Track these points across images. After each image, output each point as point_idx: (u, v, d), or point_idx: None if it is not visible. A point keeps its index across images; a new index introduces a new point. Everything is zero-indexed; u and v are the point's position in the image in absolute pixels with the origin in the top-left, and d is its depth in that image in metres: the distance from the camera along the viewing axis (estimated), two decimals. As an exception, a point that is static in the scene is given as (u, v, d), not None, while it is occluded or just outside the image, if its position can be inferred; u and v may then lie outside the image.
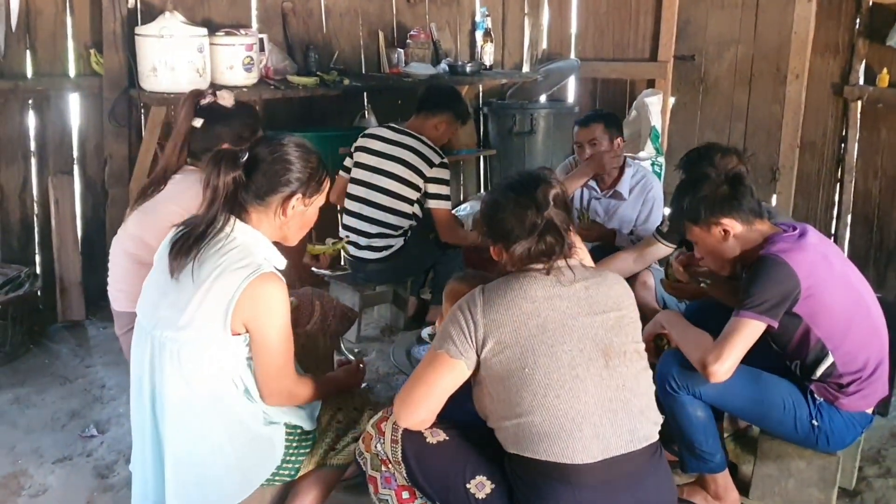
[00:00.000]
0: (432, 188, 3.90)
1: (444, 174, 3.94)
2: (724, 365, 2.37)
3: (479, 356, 2.01)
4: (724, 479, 2.69)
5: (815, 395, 2.53)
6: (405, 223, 3.93)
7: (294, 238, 2.33)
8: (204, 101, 2.83)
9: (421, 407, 2.08)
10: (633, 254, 3.46)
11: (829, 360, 2.48)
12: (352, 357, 2.65)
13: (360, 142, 4.03)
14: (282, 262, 2.26)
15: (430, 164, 3.89)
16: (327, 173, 2.32)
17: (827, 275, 2.46)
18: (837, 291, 2.48)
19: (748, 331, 2.39)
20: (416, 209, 3.95)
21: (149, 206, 2.76)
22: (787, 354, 2.57)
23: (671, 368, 2.51)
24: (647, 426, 2.04)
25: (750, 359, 2.45)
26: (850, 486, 2.88)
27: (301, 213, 2.27)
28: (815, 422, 2.53)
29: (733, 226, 2.52)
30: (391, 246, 3.92)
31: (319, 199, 2.31)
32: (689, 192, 2.58)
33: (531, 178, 2.12)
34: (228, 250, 2.15)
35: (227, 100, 2.87)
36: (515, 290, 2.02)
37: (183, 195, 2.66)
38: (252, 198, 2.21)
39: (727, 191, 2.52)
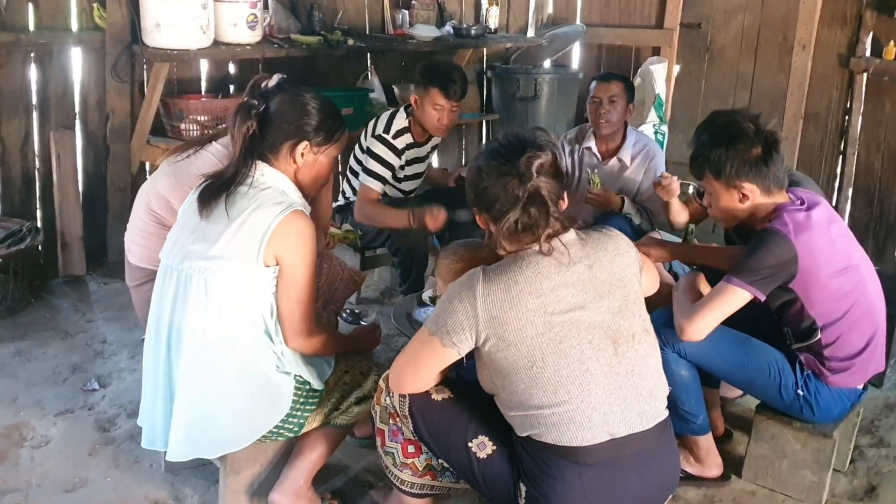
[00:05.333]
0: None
1: (375, 147, 3.77)
2: (693, 325, 2.37)
3: (477, 347, 1.97)
4: (706, 442, 2.71)
5: (804, 367, 2.54)
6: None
7: (308, 188, 2.38)
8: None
9: (409, 381, 2.11)
10: None
11: (818, 336, 2.48)
12: (363, 321, 2.69)
13: None
14: (307, 210, 2.31)
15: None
16: (341, 127, 2.37)
17: (829, 256, 2.42)
18: (837, 275, 2.44)
19: (731, 297, 2.37)
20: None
21: (181, 168, 2.74)
22: (781, 320, 2.58)
23: (658, 326, 2.43)
24: (655, 405, 2.04)
25: (745, 322, 2.46)
26: (843, 468, 2.87)
27: (312, 163, 2.33)
28: (800, 391, 2.54)
29: (753, 192, 2.44)
30: None
31: (331, 150, 2.36)
32: (722, 144, 2.44)
33: (518, 142, 1.98)
34: (262, 189, 2.24)
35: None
36: (521, 284, 1.90)
37: (217, 166, 2.65)
38: (267, 148, 2.29)
39: (759, 154, 2.40)
